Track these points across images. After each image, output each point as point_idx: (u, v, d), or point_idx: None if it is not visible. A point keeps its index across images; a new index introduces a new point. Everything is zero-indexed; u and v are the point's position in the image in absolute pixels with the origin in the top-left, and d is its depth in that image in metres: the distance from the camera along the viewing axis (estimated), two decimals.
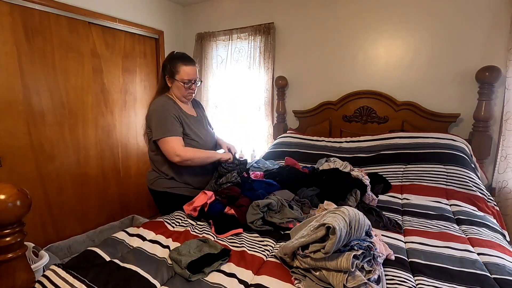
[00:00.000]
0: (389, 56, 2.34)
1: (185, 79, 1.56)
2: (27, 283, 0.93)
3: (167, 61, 1.59)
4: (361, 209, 1.38)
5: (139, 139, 3.05)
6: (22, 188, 0.88)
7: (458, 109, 2.12)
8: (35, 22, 2.14)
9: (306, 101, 2.74)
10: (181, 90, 1.59)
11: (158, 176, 1.67)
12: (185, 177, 1.66)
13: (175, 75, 1.56)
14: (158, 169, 1.66)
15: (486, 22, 1.98)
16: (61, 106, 2.34)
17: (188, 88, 1.59)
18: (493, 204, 1.66)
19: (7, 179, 2.02)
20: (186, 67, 1.56)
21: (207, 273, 0.96)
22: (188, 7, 3.40)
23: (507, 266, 1.00)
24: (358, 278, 0.80)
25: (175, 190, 1.64)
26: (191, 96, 1.66)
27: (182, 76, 1.56)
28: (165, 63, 1.60)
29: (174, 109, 1.57)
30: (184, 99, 1.64)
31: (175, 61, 1.57)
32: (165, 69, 1.60)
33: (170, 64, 1.58)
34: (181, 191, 1.65)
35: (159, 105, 1.57)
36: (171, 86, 1.62)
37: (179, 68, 1.55)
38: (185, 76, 1.56)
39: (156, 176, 1.67)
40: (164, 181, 1.65)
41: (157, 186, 1.66)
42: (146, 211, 3.17)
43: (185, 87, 1.58)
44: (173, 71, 1.57)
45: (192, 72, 1.58)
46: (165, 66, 1.60)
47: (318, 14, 2.59)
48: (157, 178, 1.67)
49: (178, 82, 1.57)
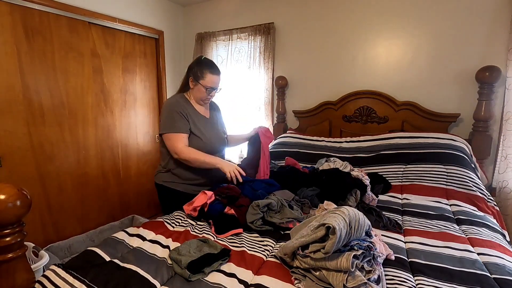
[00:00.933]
0: (389, 56, 2.34)
1: (208, 86, 1.62)
2: (27, 283, 0.93)
3: (194, 64, 1.65)
4: (361, 209, 1.38)
5: (139, 139, 3.05)
6: (22, 188, 0.88)
7: (458, 109, 2.12)
8: (35, 22, 2.14)
9: (306, 101, 2.74)
10: (202, 94, 1.65)
11: (160, 169, 1.75)
12: (183, 172, 1.68)
13: (200, 79, 1.62)
14: (162, 162, 1.75)
15: (486, 22, 1.98)
16: (61, 106, 2.34)
17: (208, 94, 1.66)
18: (493, 204, 1.66)
19: (7, 179, 2.03)
20: (212, 76, 1.62)
21: (207, 273, 0.96)
22: (188, 7, 3.40)
23: (507, 266, 1.00)
24: (358, 278, 0.80)
25: (171, 184, 1.69)
26: (209, 101, 1.74)
27: (206, 82, 1.62)
28: (193, 66, 1.65)
29: (183, 107, 1.62)
30: (202, 102, 1.71)
31: (203, 67, 1.62)
32: (191, 71, 1.65)
33: (197, 68, 1.63)
34: (176, 186, 1.68)
35: (170, 102, 1.65)
36: (192, 88, 1.67)
37: (206, 75, 1.61)
38: (209, 83, 1.62)
39: (159, 169, 1.76)
40: (163, 175, 1.72)
41: (158, 179, 1.74)
42: (146, 211, 3.17)
43: (206, 92, 1.64)
44: (199, 75, 1.62)
45: (217, 81, 1.65)
46: (191, 68, 1.66)
47: (318, 14, 2.59)
48: (159, 171, 1.76)
49: (201, 86, 1.63)
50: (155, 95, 3.20)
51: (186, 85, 1.71)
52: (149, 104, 3.14)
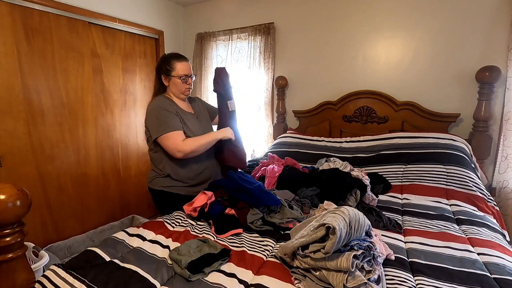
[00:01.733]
0: (389, 56, 2.34)
1: (181, 74, 1.61)
2: (27, 283, 0.93)
3: (161, 62, 1.65)
4: (361, 209, 1.38)
5: (139, 139, 3.05)
6: (22, 188, 0.88)
7: (458, 109, 2.12)
8: (35, 22, 2.14)
9: (306, 101, 2.74)
10: (179, 86, 1.63)
11: (156, 174, 1.69)
12: (182, 175, 1.66)
13: (171, 72, 1.61)
14: (156, 168, 1.69)
15: (486, 22, 1.98)
16: (61, 106, 2.34)
17: (185, 83, 1.64)
18: (493, 204, 1.65)
19: (7, 179, 2.02)
20: (180, 63, 1.61)
21: (207, 273, 0.96)
22: (188, 7, 3.40)
23: (507, 266, 1.00)
24: (358, 278, 0.80)
25: (171, 189, 1.65)
26: (189, 91, 1.70)
27: (178, 71, 1.61)
28: (159, 64, 1.65)
29: (171, 106, 1.61)
30: (182, 95, 1.68)
31: (170, 60, 1.62)
32: (160, 70, 1.64)
33: (164, 64, 1.62)
34: (177, 190, 1.66)
35: (156, 104, 1.60)
36: (168, 85, 1.66)
37: (174, 65, 1.60)
38: (181, 71, 1.61)
39: (154, 175, 1.69)
40: (160, 180, 1.67)
41: (154, 185, 1.68)
42: (146, 211, 3.17)
43: (182, 82, 1.62)
44: (168, 69, 1.61)
45: (187, 67, 1.64)
46: (159, 67, 1.65)
47: (318, 14, 2.59)
48: (154, 176, 1.69)
49: (175, 78, 1.61)
50: None
51: (160, 88, 1.69)
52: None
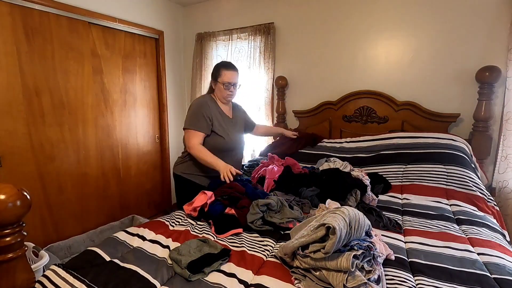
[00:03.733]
0: (389, 56, 2.34)
1: (225, 81, 1.77)
2: (27, 283, 0.93)
3: (214, 69, 1.83)
4: (361, 209, 1.38)
5: (139, 139, 3.05)
6: (22, 188, 0.88)
7: (458, 109, 2.12)
8: (35, 22, 2.14)
9: (306, 101, 2.74)
10: (222, 91, 1.79)
11: (180, 160, 1.89)
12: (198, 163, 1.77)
13: (217, 78, 1.79)
14: (183, 153, 1.89)
15: (486, 22, 1.98)
16: (61, 106, 2.34)
17: (227, 90, 1.79)
18: (493, 204, 1.66)
19: (7, 179, 2.02)
20: (227, 72, 1.77)
21: (207, 273, 0.96)
22: (188, 7, 3.40)
23: (507, 266, 1.00)
24: (358, 278, 0.81)
25: (188, 176, 1.81)
26: (231, 97, 1.85)
27: (223, 79, 1.77)
28: (213, 70, 1.84)
29: (208, 107, 1.76)
30: (224, 100, 1.84)
31: (219, 67, 1.80)
32: (212, 74, 1.83)
33: (215, 70, 1.81)
34: (193, 178, 1.81)
35: (197, 101, 1.80)
36: (214, 88, 1.84)
37: (221, 72, 1.77)
38: (226, 79, 1.77)
39: (179, 160, 1.90)
40: (182, 166, 1.85)
41: (176, 170, 1.87)
42: (146, 211, 3.17)
43: (224, 88, 1.78)
44: (216, 75, 1.79)
45: (232, 76, 1.79)
46: (212, 72, 1.84)
47: (318, 14, 2.59)
48: (178, 162, 1.89)
49: (219, 84, 1.78)
50: (155, 95, 3.20)
51: (211, 89, 1.88)
52: (149, 104, 3.14)
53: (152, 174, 3.22)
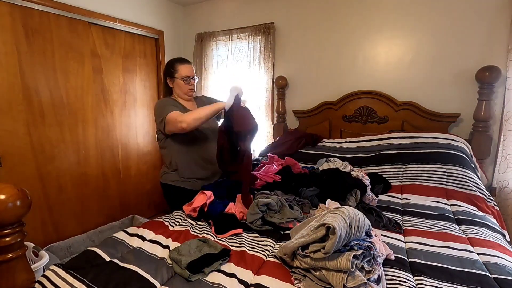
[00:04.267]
0: (389, 56, 2.34)
1: (183, 75, 1.71)
2: (27, 283, 0.93)
3: (166, 66, 1.77)
4: (361, 209, 1.38)
5: (139, 139, 3.05)
6: (22, 188, 0.88)
7: (458, 109, 2.12)
8: (35, 22, 2.14)
9: (306, 101, 2.74)
10: (182, 87, 1.73)
11: (166, 170, 1.80)
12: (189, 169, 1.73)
13: (174, 74, 1.72)
14: (166, 163, 1.80)
15: (486, 22, 1.98)
16: (61, 106, 2.34)
17: (188, 84, 1.73)
18: (493, 204, 1.66)
19: (7, 179, 2.02)
20: (182, 66, 1.72)
21: (207, 273, 0.96)
22: (188, 7, 3.40)
23: (507, 266, 1.00)
24: (358, 278, 0.80)
25: (180, 183, 1.73)
26: (192, 92, 1.78)
27: (180, 73, 1.71)
28: (165, 68, 1.77)
29: (174, 102, 1.70)
30: (186, 96, 1.77)
31: (173, 63, 1.74)
32: (166, 73, 1.76)
33: (169, 67, 1.74)
34: (185, 185, 1.73)
35: (160, 102, 1.73)
36: (172, 87, 1.76)
37: (177, 67, 1.71)
38: (183, 73, 1.71)
39: (165, 170, 1.80)
40: (170, 175, 1.76)
41: (165, 179, 1.79)
42: (146, 211, 3.17)
43: (184, 83, 1.72)
44: (172, 71, 1.73)
45: (189, 69, 1.74)
46: (165, 70, 1.77)
47: (318, 14, 2.59)
48: (165, 172, 1.80)
49: (178, 80, 1.72)
50: (155, 95, 3.20)
51: (167, 90, 1.80)
52: (149, 104, 3.13)
53: (152, 174, 3.22)
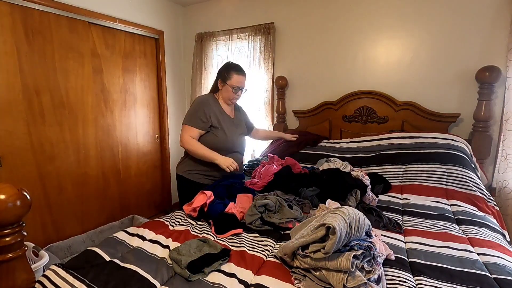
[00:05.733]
0: (389, 56, 2.34)
1: (234, 85, 1.78)
2: (27, 283, 0.93)
3: (223, 68, 1.82)
4: (361, 209, 1.38)
5: (139, 139, 3.05)
6: (22, 188, 0.88)
7: (458, 109, 2.12)
8: (35, 22, 2.14)
9: (306, 101, 2.74)
10: (229, 93, 1.80)
11: (181, 160, 1.89)
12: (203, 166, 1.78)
13: (227, 80, 1.78)
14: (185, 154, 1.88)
15: (486, 22, 1.98)
16: (61, 106, 2.34)
17: (235, 94, 1.81)
18: (493, 204, 1.66)
19: (7, 179, 2.02)
20: (237, 76, 1.78)
21: (207, 273, 0.96)
22: (188, 7, 3.40)
23: (507, 266, 1.00)
24: (358, 278, 0.80)
25: (190, 176, 1.80)
26: (235, 100, 1.88)
27: (232, 82, 1.78)
28: (221, 70, 1.83)
29: (209, 105, 1.77)
30: (229, 101, 1.85)
31: (230, 69, 1.79)
32: (220, 74, 1.82)
33: (225, 71, 1.80)
34: (196, 178, 1.79)
35: (200, 98, 1.81)
36: (221, 89, 1.83)
37: (232, 75, 1.78)
38: (235, 83, 1.78)
39: (180, 160, 1.90)
40: (183, 165, 1.85)
41: (179, 170, 1.86)
42: (146, 211, 3.17)
43: (232, 92, 1.79)
44: (226, 77, 1.79)
45: (242, 80, 1.81)
46: (220, 71, 1.83)
47: (318, 14, 2.59)
48: (180, 162, 1.89)
49: (228, 86, 1.79)
50: (155, 95, 3.20)
51: (215, 88, 1.87)
52: (149, 104, 3.14)
53: (152, 174, 3.22)
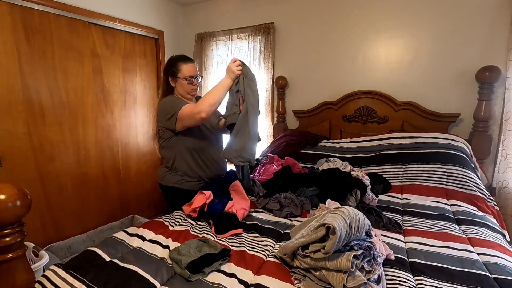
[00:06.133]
0: (389, 56, 2.34)
1: (187, 75, 1.65)
2: (27, 283, 0.93)
3: (168, 64, 1.70)
4: (361, 209, 1.38)
5: (139, 139, 3.05)
6: (22, 188, 0.88)
7: (458, 109, 2.12)
8: (35, 22, 2.14)
9: (306, 101, 2.74)
10: (185, 86, 1.67)
11: (167, 171, 1.74)
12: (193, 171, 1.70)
13: (177, 74, 1.66)
14: (167, 165, 1.74)
15: (486, 22, 1.98)
16: (61, 106, 2.34)
17: (191, 84, 1.68)
18: (493, 204, 1.66)
19: (7, 179, 2.02)
20: (186, 65, 1.66)
21: (207, 273, 0.96)
22: (188, 7, 3.40)
23: (507, 266, 1.00)
24: (358, 278, 0.80)
25: (184, 185, 1.70)
26: (195, 91, 1.74)
27: (184, 73, 1.65)
28: (167, 66, 1.70)
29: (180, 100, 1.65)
30: (189, 95, 1.71)
31: (176, 62, 1.67)
32: (168, 72, 1.69)
33: (171, 66, 1.67)
34: (189, 186, 1.70)
35: (167, 100, 1.65)
36: (175, 86, 1.70)
37: (180, 67, 1.65)
38: (187, 72, 1.65)
39: (165, 171, 1.74)
40: (172, 176, 1.71)
41: (167, 181, 1.73)
42: (146, 211, 3.17)
43: (188, 83, 1.66)
44: (175, 71, 1.66)
45: (193, 68, 1.68)
46: (167, 69, 1.70)
47: (318, 14, 2.59)
48: (166, 173, 1.74)
49: (181, 79, 1.66)
50: (155, 95, 3.20)
51: (167, 89, 1.72)
52: (149, 104, 3.13)
53: (152, 174, 3.22)
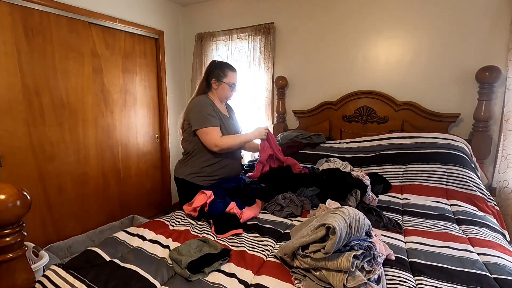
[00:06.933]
0: (389, 56, 2.34)
1: (231, 82, 1.82)
2: (27, 283, 0.93)
3: (215, 67, 1.82)
4: (361, 209, 1.38)
5: (139, 139, 3.05)
6: (22, 188, 0.88)
7: (458, 109, 2.12)
8: (35, 22, 2.14)
9: (306, 101, 2.74)
10: (226, 91, 1.82)
11: (182, 163, 1.84)
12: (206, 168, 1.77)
13: (223, 78, 1.80)
14: (185, 158, 1.83)
15: (486, 22, 1.98)
16: (61, 106, 2.34)
17: (232, 90, 1.84)
18: (493, 204, 1.66)
19: (7, 179, 2.02)
20: (232, 73, 1.83)
21: (207, 273, 0.96)
22: (188, 7, 3.40)
23: (507, 266, 1.00)
24: (358, 278, 0.80)
25: (194, 179, 1.76)
26: (231, 97, 1.90)
27: (229, 79, 1.81)
28: (212, 69, 1.82)
29: (212, 105, 1.77)
30: (225, 99, 1.88)
31: (224, 67, 1.82)
32: (212, 74, 1.81)
33: (220, 70, 1.81)
34: (198, 181, 1.75)
35: (200, 101, 1.76)
36: (216, 88, 1.82)
37: (228, 73, 1.80)
38: (232, 80, 1.82)
39: (180, 164, 1.85)
40: (186, 169, 1.79)
41: (180, 174, 1.81)
42: (146, 211, 3.17)
43: (230, 89, 1.83)
44: (221, 75, 1.80)
45: (236, 77, 1.86)
46: (211, 71, 1.82)
47: (318, 14, 2.59)
48: (181, 166, 1.84)
49: (225, 84, 1.80)
50: (155, 95, 3.20)
51: (206, 88, 1.85)
52: (149, 104, 3.14)
53: (152, 174, 3.22)
